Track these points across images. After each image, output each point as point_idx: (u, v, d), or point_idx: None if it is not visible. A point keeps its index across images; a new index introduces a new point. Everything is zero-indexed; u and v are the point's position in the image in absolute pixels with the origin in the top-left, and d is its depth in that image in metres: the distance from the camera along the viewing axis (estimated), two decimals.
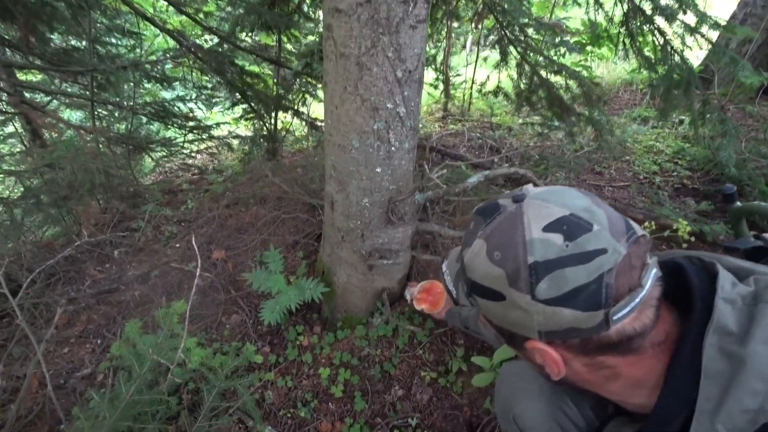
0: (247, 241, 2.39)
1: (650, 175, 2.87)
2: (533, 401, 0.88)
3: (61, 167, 2.69)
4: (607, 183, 2.85)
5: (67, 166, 2.68)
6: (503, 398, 0.94)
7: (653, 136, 3.42)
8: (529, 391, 0.89)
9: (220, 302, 1.98)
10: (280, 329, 1.71)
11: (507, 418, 0.93)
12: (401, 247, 1.49)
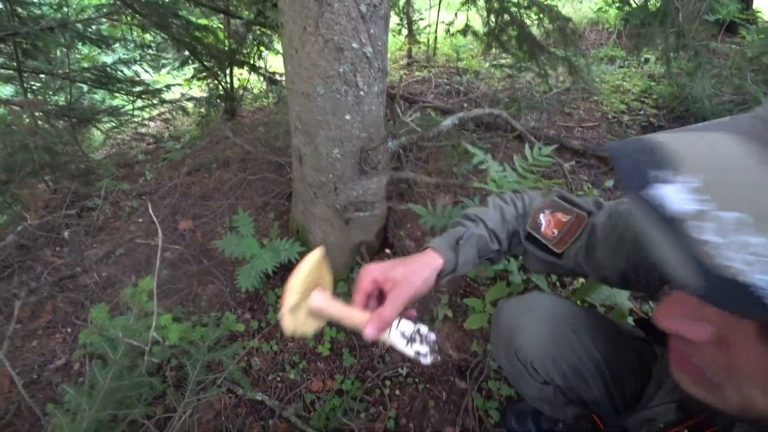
0: (214, 207, 2.28)
1: (618, 114, 2.90)
2: (537, 330, 0.86)
3: None
4: (577, 124, 2.85)
5: None
6: (504, 335, 0.91)
7: (620, 75, 3.44)
8: (532, 321, 0.87)
9: (193, 274, 1.89)
10: (259, 294, 1.65)
11: (508, 354, 0.90)
12: (377, 198, 1.43)
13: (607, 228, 0.77)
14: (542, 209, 0.89)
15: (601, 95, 3.13)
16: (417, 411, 1.31)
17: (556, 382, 0.89)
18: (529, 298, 0.92)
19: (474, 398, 1.31)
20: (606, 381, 0.88)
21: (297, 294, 0.63)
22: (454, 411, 1.31)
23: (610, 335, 0.91)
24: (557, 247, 0.83)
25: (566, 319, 0.87)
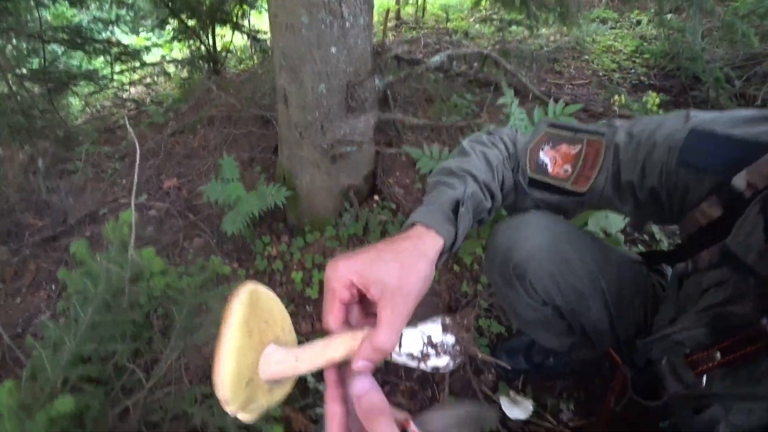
0: (199, 165, 2.22)
1: (609, 72, 2.89)
2: (535, 244, 0.80)
3: None
4: (567, 81, 2.83)
5: None
6: (500, 252, 0.83)
7: (612, 36, 3.43)
8: (530, 236, 0.80)
9: (179, 228, 1.86)
10: (246, 244, 1.62)
11: (505, 272, 0.84)
12: (364, 138, 1.39)
13: (632, 147, 0.70)
14: (539, 145, 0.81)
15: (592, 54, 3.12)
16: None
17: (555, 302, 0.84)
18: (527, 216, 0.84)
19: None
20: (607, 303, 0.85)
21: (235, 378, 0.42)
22: None
23: (610, 257, 0.87)
24: (579, 186, 0.73)
25: (566, 235, 0.82)
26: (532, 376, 1.29)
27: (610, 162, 0.72)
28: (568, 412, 1.25)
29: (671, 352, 0.64)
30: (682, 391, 0.61)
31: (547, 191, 0.78)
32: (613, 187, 0.72)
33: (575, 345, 1.04)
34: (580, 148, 0.76)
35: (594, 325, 0.86)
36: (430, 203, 0.68)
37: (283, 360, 0.45)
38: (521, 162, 0.81)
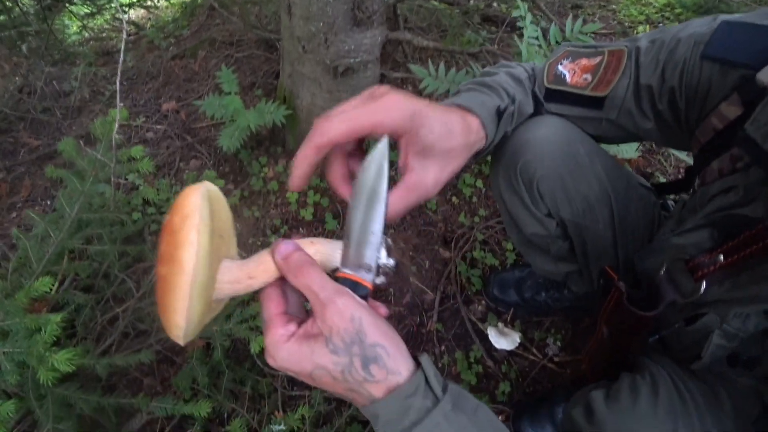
0: (199, 89, 2.15)
1: (635, 24, 2.73)
2: (547, 143, 0.74)
3: None
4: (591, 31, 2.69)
5: None
6: (507, 155, 0.78)
7: None
8: (542, 136, 0.74)
9: (176, 149, 1.82)
10: (242, 166, 1.59)
11: (511, 177, 0.79)
12: (370, 56, 1.32)
13: (654, 48, 0.66)
14: (557, 60, 0.77)
15: (619, 4, 2.96)
16: (399, 276, 1.30)
17: (561, 213, 0.81)
18: (539, 118, 0.79)
19: (458, 265, 1.30)
20: (613, 217, 0.82)
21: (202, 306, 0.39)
22: (436, 278, 1.31)
23: (622, 172, 0.85)
24: (599, 90, 0.70)
25: (580, 140, 0.77)
26: (521, 310, 1.29)
27: (633, 67, 0.69)
28: (554, 347, 1.26)
29: (671, 257, 0.62)
30: (679, 299, 0.59)
31: (565, 103, 0.75)
32: (634, 95, 0.69)
33: (571, 274, 1.03)
34: (601, 58, 0.73)
35: (597, 242, 0.84)
36: (475, 95, 0.64)
37: (237, 279, 0.43)
38: (538, 77, 0.78)
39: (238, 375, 1.12)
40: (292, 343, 0.41)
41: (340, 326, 0.40)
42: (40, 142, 2.28)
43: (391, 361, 0.41)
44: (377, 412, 0.42)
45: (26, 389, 0.74)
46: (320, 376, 0.41)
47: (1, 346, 0.62)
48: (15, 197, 2.01)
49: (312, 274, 0.42)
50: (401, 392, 0.41)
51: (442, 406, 0.42)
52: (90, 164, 1.00)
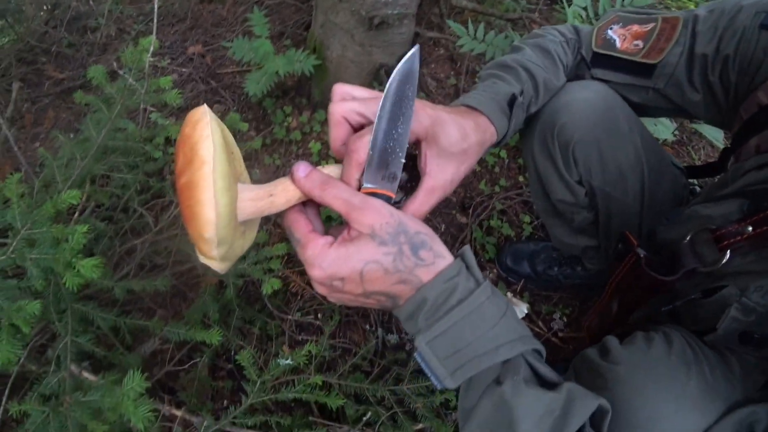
0: (226, 34, 2.12)
1: None
2: (588, 107, 0.72)
3: None
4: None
5: None
6: (544, 117, 0.76)
7: None
8: (583, 99, 0.73)
9: (200, 93, 1.81)
10: (266, 114, 1.58)
11: (546, 140, 0.77)
12: (407, 10, 1.28)
13: (713, 16, 0.64)
14: (607, 25, 0.75)
15: None
16: None
17: (593, 181, 0.79)
18: (580, 81, 0.77)
19: (473, 231, 1.30)
20: (644, 188, 0.80)
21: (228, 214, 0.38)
22: (451, 242, 1.31)
23: (657, 147, 0.83)
24: (650, 57, 0.68)
25: (620, 107, 0.75)
26: (532, 283, 1.29)
27: (688, 36, 0.67)
28: (560, 322, 1.26)
29: (697, 227, 0.61)
30: (700, 267, 0.59)
31: (612, 68, 0.73)
32: (686, 64, 0.67)
33: (588, 249, 1.02)
34: (654, 25, 0.71)
35: (623, 215, 0.82)
36: (483, 91, 0.65)
37: (257, 197, 0.43)
38: (585, 41, 0.76)
39: (248, 315, 1.14)
40: (336, 248, 0.43)
41: (381, 221, 0.42)
42: (64, 75, 2.28)
43: (437, 245, 0.44)
44: (426, 295, 0.44)
45: (48, 302, 0.76)
46: (371, 271, 0.42)
47: (29, 253, 0.63)
48: (38, 128, 2.03)
49: (339, 185, 0.43)
50: (447, 273, 0.43)
51: (484, 287, 0.45)
52: (119, 92, 1.00)
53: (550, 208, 0.91)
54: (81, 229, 0.60)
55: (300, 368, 0.92)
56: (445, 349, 0.44)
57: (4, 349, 0.55)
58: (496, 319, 0.44)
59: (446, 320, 0.43)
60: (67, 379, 0.67)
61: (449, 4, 1.38)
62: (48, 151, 1.02)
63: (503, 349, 0.44)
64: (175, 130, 1.32)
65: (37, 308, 0.56)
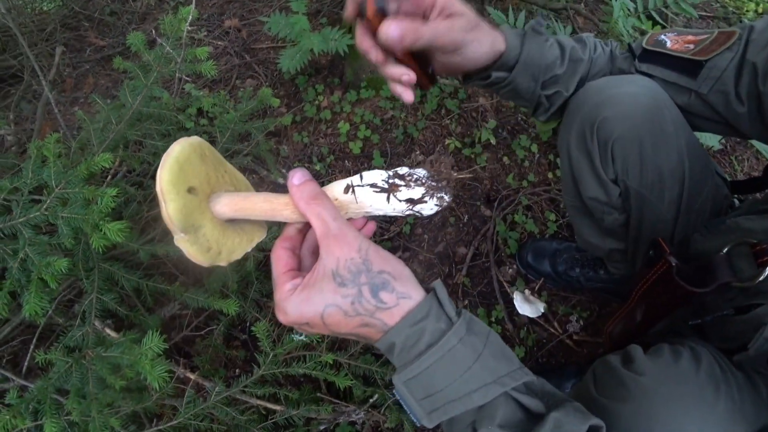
0: (263, 9, 2.12)
1: (741, 10, 2.42)
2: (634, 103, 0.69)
3: None
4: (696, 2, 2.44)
5: None
6: (585, 109, 0.73)
7: None
8: (629, 94, 0.70)
9: (234, 66, 1.82)
10: (298, 91, 1.58)
11: (585, 134, 0.74)
12: None
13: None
14: (661, 32, 0.73)
15: None
16: (435, 225, 1.29)
17: (629, 181, 0.76)
18: (628, 76, 0.74)
19: (497, 224, 1.28)
20: (681, 198, 0.76)
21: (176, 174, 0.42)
22: (473, 234, 1.29)
23: (702, 153, 0.78)
24: (700, 55, 0.66)
25: (668, 106, 0.71)
26: (551, 282, 1.27)
27: (741, 45, 0.64)
28: (576, 324, 1.24)
29: (736, 240, 0.58)
30: (735, 281, 0.56)
31: (659, 64, 0.70)
32: (735, 71, 0.64)
33: (614, 253, 0.98)
34: (709, 36, 0.69)
35: (656, 221, 0.79)
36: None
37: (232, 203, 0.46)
38: (635, 43, 0.74)
39: (266, 288, 1.16)
40: (298, 293, 0.42)
41: (347, 256, 0.41)
42: (105, 43, 2.33)
43: (400, 286, 0.42)
44: (392, 339, 0.42)
45: (77, 259, 0.79)
46: (331, 315, 0.41)
47: (61, 211, 0.66)
48: (78, 92, 2.09)
49: (325, 203, 0.43)
50: (414, 316, 0.42)
51: (456, 328, 0.42)
52: (156, 59, 1.01)
53: (579, 204, 0.88)
54: (110, 192, 0.62)
55: (312, 345, 0.93)
56: (420, 391, 0.43)
57: (32, 302, 0.58)
58: (469, 362, 0.42)
59: (417, 365, 0.42)
60: (90, 333, 0.70)
61: None
62: (86, 114, 1.05)
63: (476, 394, 0.42)
64: (208, 102, 1.35)
65: (65, 265, 0.58)
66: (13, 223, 0.65)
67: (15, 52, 1.97)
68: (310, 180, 0.44)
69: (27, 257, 0.62)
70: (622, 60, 0.75)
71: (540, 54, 0.66)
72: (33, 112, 1.87)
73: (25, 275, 0.63)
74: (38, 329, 0.79)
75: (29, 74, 1.78)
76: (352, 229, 0.43)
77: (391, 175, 0.46)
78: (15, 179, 0.71)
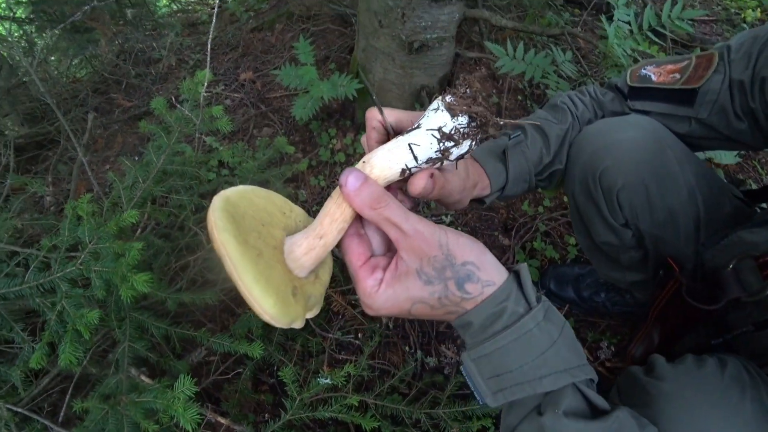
0: (275, 61, 2.24)
1: (744, 10, 2.40)
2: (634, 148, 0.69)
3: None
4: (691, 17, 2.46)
5: None
6: (586, 157, 0.73)
7: None
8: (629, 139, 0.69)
9: (250, 117, 1.91)
10: (312, 136, 1.64)
11: (588, 180, 0.74)
12: (446, 33, 1.30)
13: (746, 44, 0.64)
14: (641, 67, 0.74)
15: None
16: None
17: (639, 224, 0.74)
18: (625, 117, 0.74)
19: (516, 253, 1.27)
20: (698, 231, 0.74)
21: (281, 304, 0.38)
22: None
23: (714, 180, 0.77)
24: (690, 83, 0.66)
25: (670, 144, 0.70)
26: (577, 309, 1.24)
27: (725, 65, 0.66)
28: (608, 351, 1.20)
29: (741, 254, 0.58)
30: (744, 296, 0.55)
31: (652, 99, 0.71)
32: (728, 91, 0.66)
33: (638, 284, 0.95)
34: (688, 62, 0.70)
35: (676, 253, 0.77)
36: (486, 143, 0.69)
37: (310, 246, 0.43)
38: (620, 81, 0.76)
39: (291, 332, 1.17)
40: (384, 290, 0.42)
41: (429, 254, 0.41)
42: (132, 103, 2.49)
43: (484, 274, 0.42)
44: (470, 319, 0.43)
45: (110, 310, 0.83)
46: (419, 309, 0.43)
47: (93, 265, 0.70)
48: (108, 151, 2.22)
49: (391, 206, 0.40)
50: (494, 299, 0.42)
51: (534, 313, 0.42)
52: (177, 120, 1.08)
53: (593, 245, 0.87)
54: (137, 246, 0.66)
55: (338, 387, 0.93)
56: (489, 369, 0.43)
57: (67, 351, 0.61)
58: (543, 348, 0.42)
59: (491, 344, 0.42)
60: (124, 380, 0.72)
61: (489, 24, 1.39)
62: (115, 173, 1.12)
63: (546, 380, 0.42)
64: (227, 154, 1.41)
65: (96, 316, 0.61)
66: (52, 278, 0.69)
67: (52, 118, 2.11)
68: (365, 182, 0.40)
69: (64, 309, 0.66)
70: (611, 102, 0.76)
71: (525, 161, 0.69)
72: (69, 173, 1.99)
73: (62, 326, 0.66)
74: (74, 379, 0.82)
75: (65, 139, 1.91)
76: (428, 224, 0.42)
77: (440, 138, 0.42)
78: (53, 238, 0.76)
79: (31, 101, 2.16)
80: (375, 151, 0.43)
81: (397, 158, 0.42)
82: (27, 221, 1.05)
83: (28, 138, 2.08)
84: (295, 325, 0.40)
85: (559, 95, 0.77)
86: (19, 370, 0.69)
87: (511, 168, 0.66)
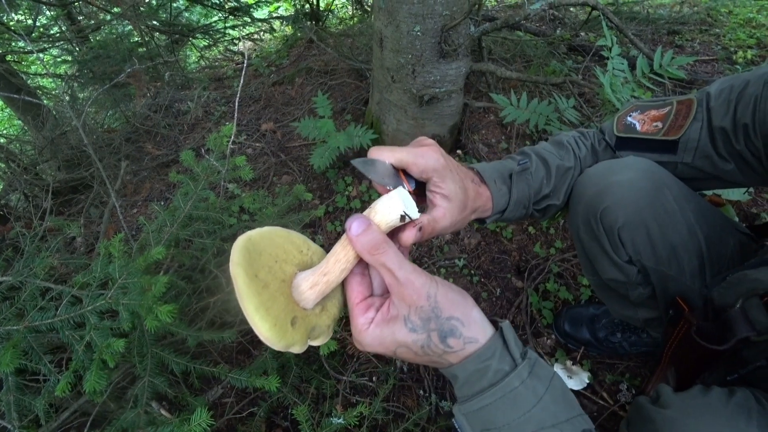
0: (294, 112, 2.37)
1: (743, 48, 2.47)
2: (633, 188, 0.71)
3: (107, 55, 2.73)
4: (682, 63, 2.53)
5: (113, 52, 2.71)
6: (587, 197, 0.76)
7: (755, 8, 2.88)
8: (628, 179, 0.72)
9: (271, 165, 2.01)
10: (329, 183, 1.72)
11: (590, 220, 0.76)
12: (454, 86, 1.39)
13: (725, 92, 0.67)
14: (626, 113, 0.79)
15: (725, 28, 2.69)
16: None
17: (643, 261, 0.75)
18: (623, 159, 0.76)
19: (529, 295, 1.28)
20: (704, 268, 0.76)
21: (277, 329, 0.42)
22: (506, 307, 1.29)
23: (715, 217, 0.79)
24: (670, 134, 0.71)
25: (668, 184, 0.72)
26: (593, 350, 1.23)
27: (704, 112, 0.70)
28: (628, 393, 1.17)
29: (747, 292, 0.59)
30: (753, 335, 0.56)
31: (637, 149, 0.76)
32: (708, 137, 0.69)
33: (651, 321, 0.94)
34: (670, 108, 0.74)
35: (682, 291, 0.77)
36: (495, 163, 0.71)
37: (315, 282, 0.47)
38: (607, 130, 0.80)
39: (305, 374, 1.19)
40: (373, 329, 0.46)
41: (417, 304, 0.44)
42: (161, 152, 2.63)
43: (467, 331, 0.44)
44: (456, 373, 0.45)
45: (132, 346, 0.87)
46: (403, 353, 0.45)
47: (122, 298, 0.75)
48: (137, 197, 2.34)
49: (388, 253, 0.44)
50: (478, 356, 0.44)
51: (519, 371, 0.43)
52: (204, 170, 1.17)
53: (601, 283, 0.88)
54: (163, 279, 0.71)
55: (351, 428, 0.93)
56: (479, 424, 0.45)
57: (93, 379, 0.64)
58: (529, 406, 0.43)
59: (477, 401, 0.44)
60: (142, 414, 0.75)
61: (495, 75, 1.47)
62: (144, 217, 1.19)
63: None
64: (248, 200, 1.49)
65: (122, 345, 0.65)
66: (83, 311, 0.74)
67: (87, 165, 2.24)
68: (368, 228, 0.44)
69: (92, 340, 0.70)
70: (603, 152, 0.79)
71: (527, 187, 0.72)
72: (99, 216, 2.10)
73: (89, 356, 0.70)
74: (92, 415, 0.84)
75: (98, 184, 2.02)
76: (420, 275, 0.44)
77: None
78: (86, 275, 0.82)
79: (70, 149, 2.32)
80: (380, 198, 0.48)
81: (396, 206, 0.46)
82: (60, 260, 1.12)
83: (64, 183, 2.21)
84: (293, 350, 0.44)
85: (563, 134, 0.81)
86: (43, 400, 0.73)
87: (514, 192, 0.69)
